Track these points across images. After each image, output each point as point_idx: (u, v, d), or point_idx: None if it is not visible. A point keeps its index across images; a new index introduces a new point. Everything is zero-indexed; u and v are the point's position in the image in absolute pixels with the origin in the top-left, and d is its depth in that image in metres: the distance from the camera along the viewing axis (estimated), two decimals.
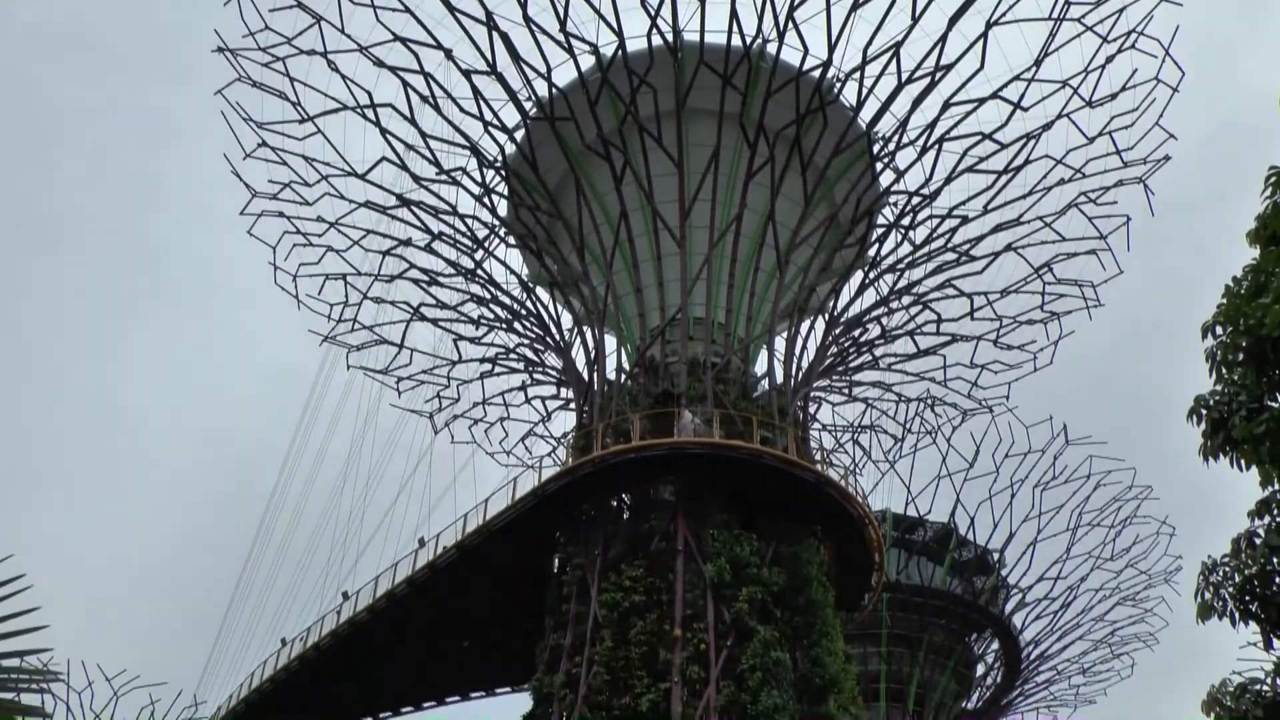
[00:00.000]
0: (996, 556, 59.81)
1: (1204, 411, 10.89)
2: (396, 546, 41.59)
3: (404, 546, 40.25)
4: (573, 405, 43.50)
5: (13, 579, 5.56)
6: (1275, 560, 11.17)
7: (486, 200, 42.32)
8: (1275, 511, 10.97)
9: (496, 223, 43.04)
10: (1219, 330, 10.95)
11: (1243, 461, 10.90)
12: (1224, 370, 10.90)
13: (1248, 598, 11.29)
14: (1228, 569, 11.14)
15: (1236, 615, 11.61)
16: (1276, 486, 10.92)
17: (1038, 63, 38.24)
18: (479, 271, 44.44)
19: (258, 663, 45.22)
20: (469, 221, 43.25)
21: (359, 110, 40.27)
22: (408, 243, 44.50)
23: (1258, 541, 10.94)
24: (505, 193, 42.45)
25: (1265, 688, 11.82)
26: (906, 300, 44.98)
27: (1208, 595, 11.30)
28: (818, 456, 38.22)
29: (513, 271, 45.16)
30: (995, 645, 62.03)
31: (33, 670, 5.49)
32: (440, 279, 45.70)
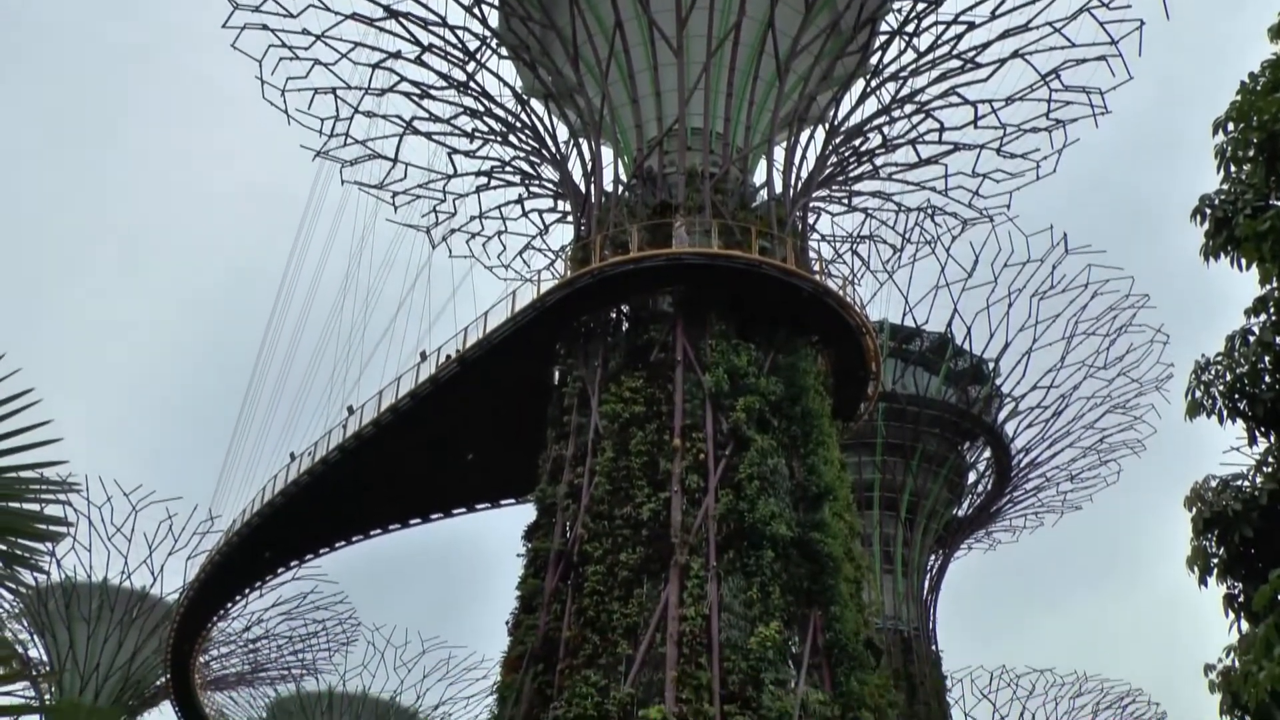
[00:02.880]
0: (991, 366, 60.51)
1: (1208, 210, 10.83)
2: (398, 361, 41.98)
3: (406, 361, 40.70)
4: (570, 218, 43.25)
5: (23, 393, 5.51)
6: (1267, 359, 11.30)
7: (477, 10, 41.01)
8: (1272, 310, 11.03)
9: (488, 34, 41.80)
10: (1230, 127, 10.78)
11: (1243, 260, 10.90)
12: (1233, 167, 10.77)
13: (1237, 396, 11.48)
14: (1219, 367, 11.28)
15: (1225, 413, 11.84)
16: (1276, 284, 10.94)
17: None
18: (471, 84, 43.46)
19: (268, 478, 46.35)
20: (459, 33, 42.03)
21: None
22: (397, 55, 43.34)
23: (1251, 339, 11.05)
24: (496, 2, 41.09)
25: (1246, 483, 12.13)
26: (909, 109, 44.14)
27: (1198, 394, 11.49)
28: (816, 267, 38.21)
29: (506, 84, 44.16)
30: (987, 453, 63.39)
31: (52, 481, 5.50)
32: (432, 92, 44.75)
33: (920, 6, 40.21)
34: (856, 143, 43.85)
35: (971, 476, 64.53)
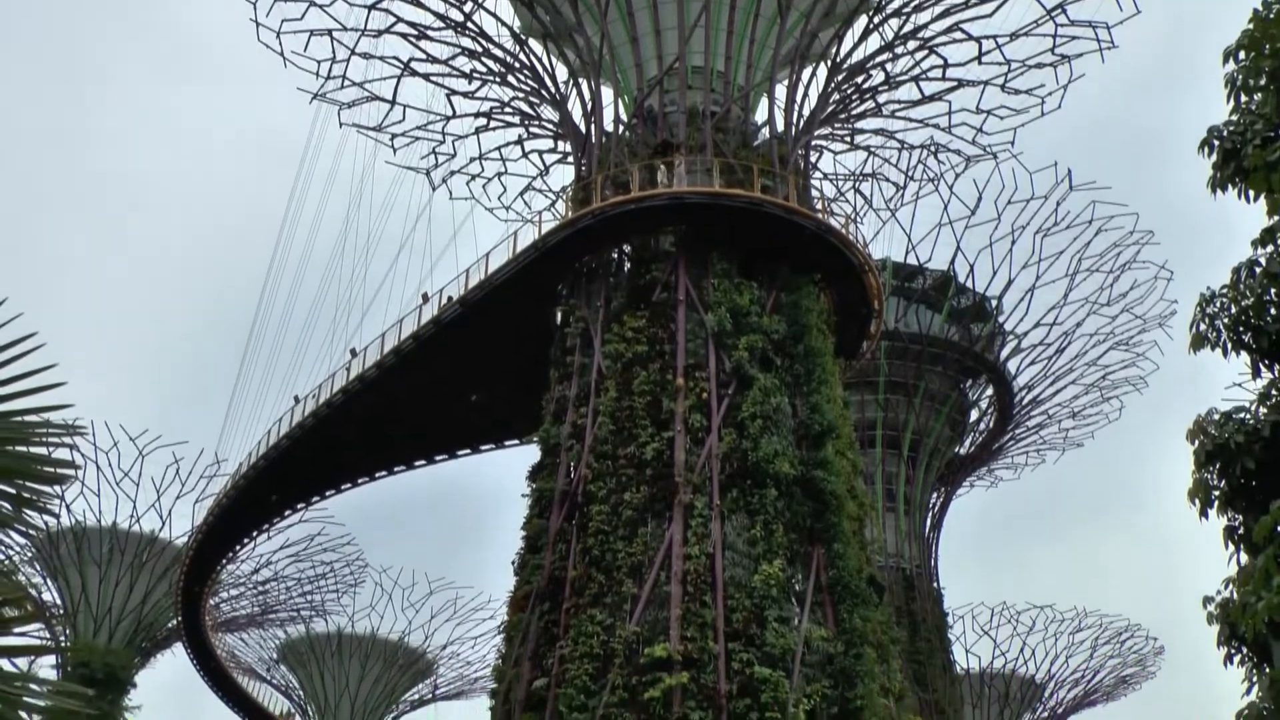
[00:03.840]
0: (994, 303, 60.41)
1: (1216, 142, 10.73)
2: (400, 304, 41.96)
3: (407, 304, 40.67)
4: (571, 159, 42.95)
5: (26, 337, 5.48)
6: (1273, 290, 11.27)
7: None
8: (1279, 240, 10.98)
9: None
10: (1241, 55, 10.65)
11: (1251, 192, 10.82)
12: (1243, 97, 10.66)
13: (1241, 328, 11.46)
14: (1225, 300, 11.25)
15: (1229, 346, 11.83)
16: None
17: None
18: (469, 24, 42.91)
19: (273, 421, 46.53)
20: None
21: None
22: None
23: (1258, 270, 11.01)
24: None
25: (1248, 416, 12.16)
26: (911, 45, 43.60)
27: (1202, 326, 11.48)
28: (819, 205, 37.99)
29: (503, 23, 43.56)
30: (989, 391, 63.53)
31: (57, 425, 5.49)
32: (429, 33, 44.22)
33: None
34: (859, 80, 43.41)
35: (974, 414, 64.74)
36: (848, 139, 49.05)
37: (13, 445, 5.33)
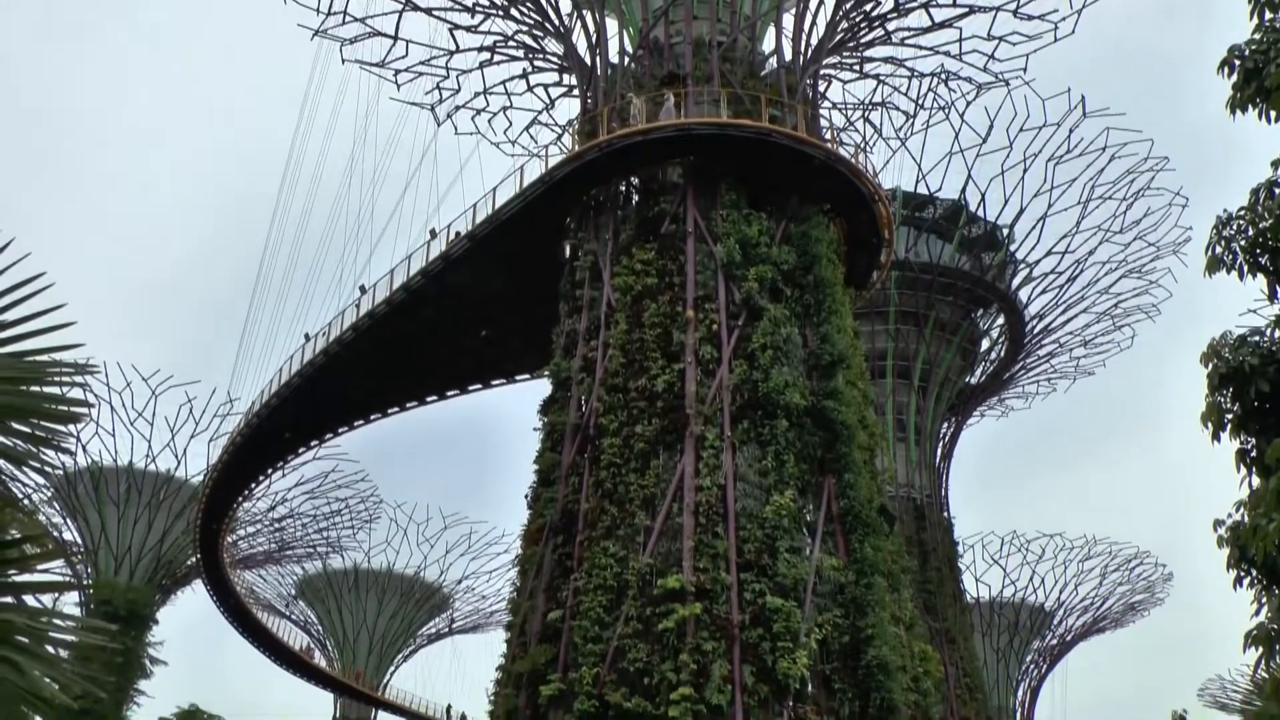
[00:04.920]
0: (1006, 232, 59.98)
1: (1237, 61, 10.54)
2: (408, 240, 42.01)
3: (415, 240, 40.60)
4: (576, 92, 42.47)
5: (34, 277, 5.46)
6: None
7: None
8: None
9: None
10: None
11: (1272, 112, 10.64)
12: (1267, 13, 10.44)
13: (1258, 250, 11.35)
14: (1242, 222, 11.13)
15: (1245, 268, 11.71)
16: None
17: None
18: None
19: (284, 359, 46.68)
20: None
21: None
22: None
23: (1277, 191, 10.87)
24: None
25: (1264, 339, 12.08)
26: None
27: (1218, 249, 11.36)
28: (828, 135, 37.61)
29: None
30: (1000, 320, 63.34)
31: (69, 364, 5.47)
32: None
33: None
34: (868, 7, 42.69)
35: (984, 344, 64.63)
36: (857, 67, 48.37)
37: (25, 384, 5.33)
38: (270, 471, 57.45)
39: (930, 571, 54.99)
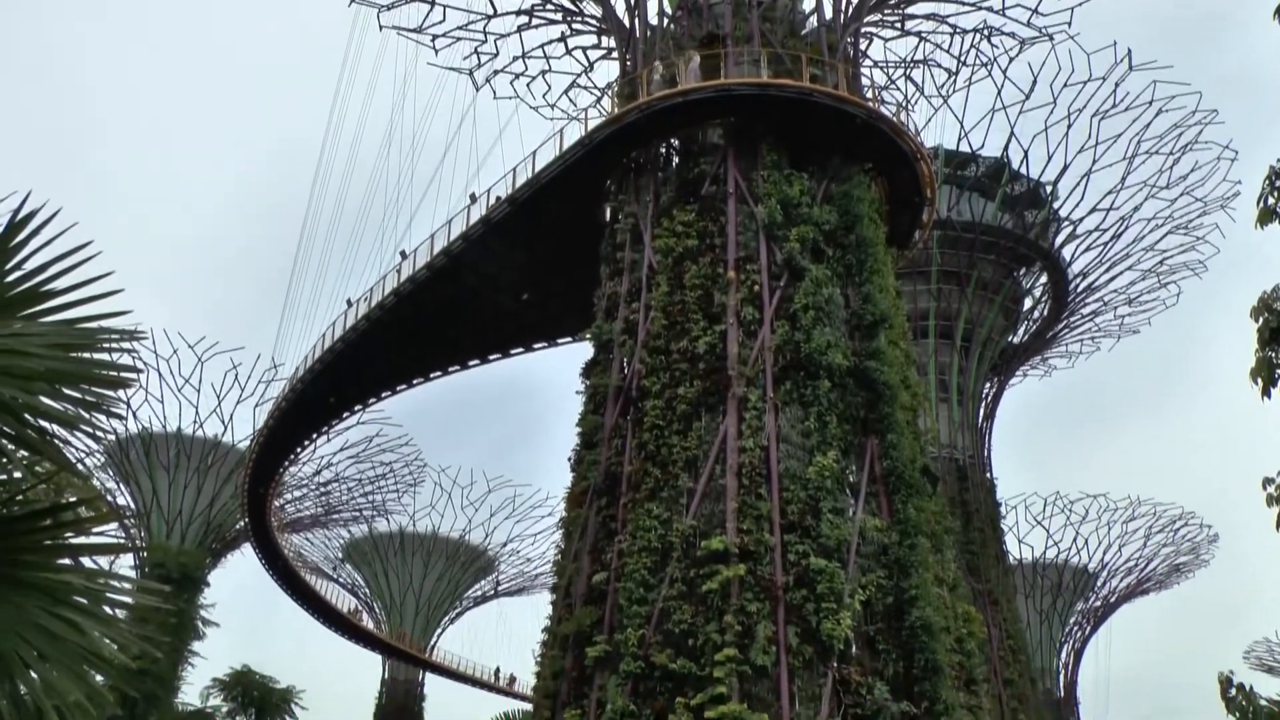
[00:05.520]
0: (1049, 189, 59.10)
1: None
2: (448, 205, 42.00)
3: (455, 205, 40.65)
4: (615, 54, 42.22)
5: (81, 246, 5.51)
6: None
7: None
8: None
9: None
10: None
11: None
12: None
13: None
14: None
15: None
16: None
17: None
18: None
19: (326, 325, 47.08)
20: None
21: None
22: None
23: None
24: None
25: None
26: None
27: (1271, 200, 11.11)
28: (869, 94, 37.12)
29: None
30: (1044, 279, 62.57)
31: (118, 330, 5.55)
32: None
33: None
34: None
35: (1027, 303, 63.92)
36: (898, 25, 47.69)
37: (76, 351, 5.40)
38: (315, 436, 58.15)
39: (973, 533, 54.74)
